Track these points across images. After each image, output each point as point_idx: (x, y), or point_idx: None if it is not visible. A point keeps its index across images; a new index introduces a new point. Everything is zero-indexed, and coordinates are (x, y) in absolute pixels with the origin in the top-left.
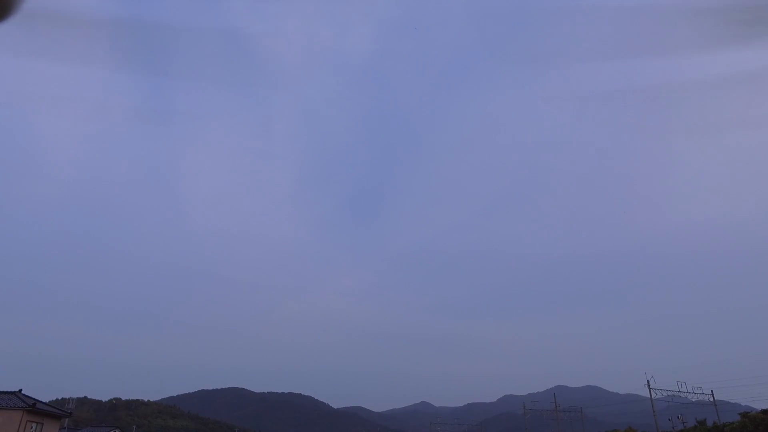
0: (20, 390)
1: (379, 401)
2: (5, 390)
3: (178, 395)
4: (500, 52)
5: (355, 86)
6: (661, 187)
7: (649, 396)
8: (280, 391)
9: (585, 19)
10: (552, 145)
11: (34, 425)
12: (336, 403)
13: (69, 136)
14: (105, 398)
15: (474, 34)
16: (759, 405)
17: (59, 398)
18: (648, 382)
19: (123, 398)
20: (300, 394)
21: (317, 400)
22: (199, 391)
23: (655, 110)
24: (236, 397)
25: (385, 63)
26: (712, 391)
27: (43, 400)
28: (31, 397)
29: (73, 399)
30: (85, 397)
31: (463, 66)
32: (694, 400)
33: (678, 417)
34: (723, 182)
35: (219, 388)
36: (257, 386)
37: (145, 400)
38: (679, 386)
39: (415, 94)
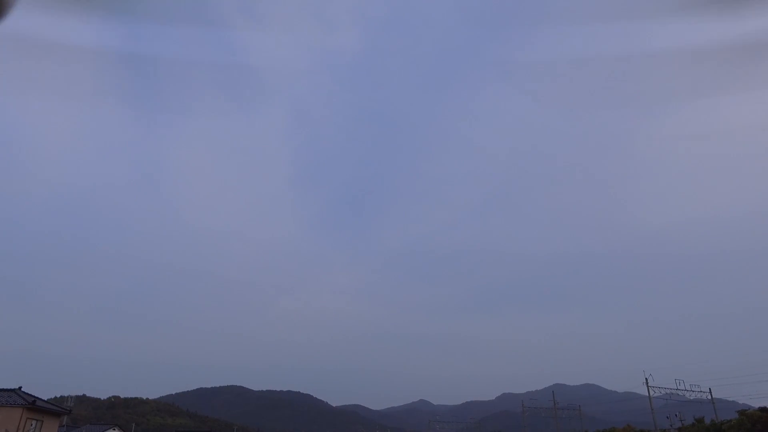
0: (20, 387)
1: (377, 399)
2: (5, 387)
3: (176, 393)
4: (491, 49)
5: (345, 85)
6: (659, 188)
7: (647, 394)
8: (278, 389)
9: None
10: (544, 144)
11: (34, 422)
12: (335, 401)
13: (60, 137)
14: (103, 396)
15: (463, 31)
16: (757, 403)
17: (58, 396)
18: (646, 380)
19: (121, 396)
20: (298, 392)
21: (316, 398)
22: (197, 389)
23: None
24: (235, 395)
25: (374, 61)
26: (710, 389)
27: (42, 398)
28: (30, 395)
29: (71, 397)
30: (84, 395)
31: (453, 64)
32: (692, 398)
33: (676, 415)
34: (721, 182)
35: (217, 386)
36: (256, 384)
37: (144, 398)
38: (678, 384)
39: (406, 92)
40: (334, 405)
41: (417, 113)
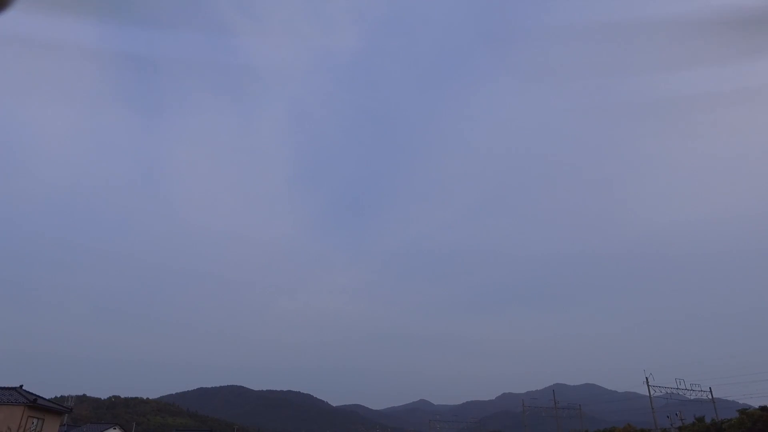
0: (21, 386)
1: (378, 399)
2: (6, 386)
3: (177, 393)
4: (490, 49)
5: (345, 85)
6: (658, 188)
7: (647, 393)
8: (278, 389)
9: (571, 33)
10: (544, 144)
11: (35, 421)
12: (335, 401)
13: (60, 137)
14: (104, 396)
15: (461, 31)
16: (757, 402)
17: (58, 396)
18: (647, 379)
19: (122, 396)
20: (299, 392)
21: (316, 398)
22: (198, 388)
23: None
24: (235, 394)
25: (373, 61)
26: (710, 388)
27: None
28: (32, 393)
29: (72, 396)
30: (84, 395)
31: (452, 64)
32: (692, 397)
33: (677, 414)
34: (721, 182)
35: (218, 386)
36: (256, 384)
37: (144, 398)
38: (678, 384)
39: (405, 92)
40: (334, 405)
41: (416, 113)
